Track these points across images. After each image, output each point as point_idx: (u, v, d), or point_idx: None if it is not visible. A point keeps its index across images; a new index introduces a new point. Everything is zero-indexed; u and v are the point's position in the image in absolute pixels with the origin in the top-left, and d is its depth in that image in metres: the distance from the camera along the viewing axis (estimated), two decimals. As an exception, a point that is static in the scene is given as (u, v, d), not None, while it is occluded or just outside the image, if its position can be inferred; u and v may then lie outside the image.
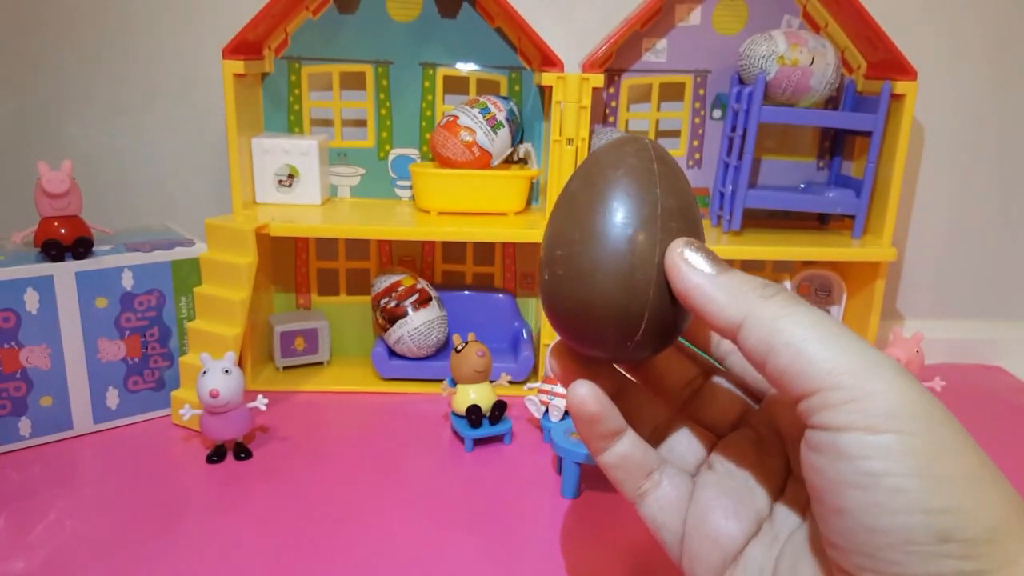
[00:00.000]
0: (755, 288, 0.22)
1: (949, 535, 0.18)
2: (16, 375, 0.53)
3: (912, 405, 0.19)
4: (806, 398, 0.20)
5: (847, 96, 0.68)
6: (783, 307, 0.21)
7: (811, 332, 0.20)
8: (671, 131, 0.71)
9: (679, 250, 0.23)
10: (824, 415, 0.20)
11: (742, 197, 0.65)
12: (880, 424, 0.19)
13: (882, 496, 0.19)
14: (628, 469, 0.27)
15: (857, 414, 0.19)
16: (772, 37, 0.63)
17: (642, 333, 0.24)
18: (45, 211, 0.54)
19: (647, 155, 0.25)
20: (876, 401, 0.19)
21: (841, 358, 0.20)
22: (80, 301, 0.55)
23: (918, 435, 0.19)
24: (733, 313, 0.22)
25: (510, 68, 0.69)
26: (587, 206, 0.24)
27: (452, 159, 0.65)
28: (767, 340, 0.21)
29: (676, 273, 0.23)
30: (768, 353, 0.21)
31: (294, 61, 0.67)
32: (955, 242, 0.78)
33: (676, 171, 0.26)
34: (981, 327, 0.79)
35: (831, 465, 0.20)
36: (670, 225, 0.24)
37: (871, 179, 0.65)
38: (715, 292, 0.22)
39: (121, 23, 0.69)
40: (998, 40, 0.72)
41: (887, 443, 0.19)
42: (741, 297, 0.22)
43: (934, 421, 0.19)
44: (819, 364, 0.20)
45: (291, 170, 0.66)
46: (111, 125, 0.72)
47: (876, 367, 0.20)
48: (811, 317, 0.21)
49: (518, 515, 0.47)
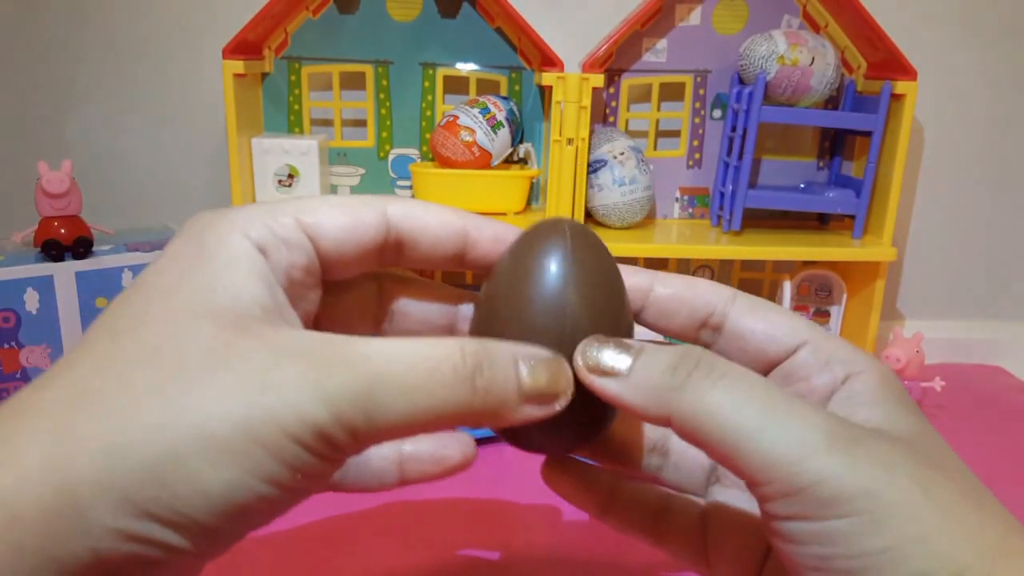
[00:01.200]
0: (667, 378, 0.21)
1: None
2: (16, 375, 0.53)
3: (852, 483, 0.19)
4: (751, 487, 0.20)
5: (847, 96, 0.68)
6: (700, 395, 0.20)
7: (735, 420, 0.20)
8: (671, 131, 0.71)
9: (580, 364, 0.22)
10: (767, 506, 0.20)
11: (742, 197, 0.65)
12: (818, 512, 0.19)
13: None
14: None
15: (796, 506, 0.19)
16: (772, 37, 0.63)
17: (569, 426, 0.24)
18: (45, 211, 0.54)
19: (562, 251, 0.24)
20: (809, 492, 0.19)
21: (770, 447, 0.19)
22: (80, 301, 0.55)
23: (860, 514, 0.19)
24: (657, 413, 0.21)
25: (510, 68, 0.69)
26: (503, 316, 0.23)
27: (452, 159, 0.65)
28: (694, 436, 0.20)
29: (591, 386, 0.22)
30: (703, 447, 0.21)
31: (294, 61, 0.67)
32: (955, 242, 0.78)
33: (591, 253, 0.24)
34: (982, 327, 0.79)
35: (786, 547, 0.20)
36: (581, 325, 0.23)
37: (871, 179, 0.65)
38: (632, 396, 0.21)
39: (121, 23, 0.69)
40: (999, 40, 0.72)
41: (829, 529, 0.19)
42: (658, 395, 0.21)
43: (886, 479, 0.19)
44: (750, 459, 0.19)
45: (291, 170, 0.66)
46: (111, 125, 0.72)
47: (805, 448, 0.19)
48: (732, 399, 0.20)
49: (518, 516, 0.47)
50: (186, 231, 0.21)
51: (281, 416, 0.17)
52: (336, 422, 0.18)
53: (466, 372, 0.19)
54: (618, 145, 0.66)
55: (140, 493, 0.17)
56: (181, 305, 0.19)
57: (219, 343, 0.18)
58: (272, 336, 0.19)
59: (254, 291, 0.20)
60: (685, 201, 0.72)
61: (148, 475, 0.17)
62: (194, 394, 0.17)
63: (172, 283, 0.20)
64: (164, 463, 0.17)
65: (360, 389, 0.18)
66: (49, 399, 0.18)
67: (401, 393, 0.18)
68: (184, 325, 0.19)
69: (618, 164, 0.65)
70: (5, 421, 0.18)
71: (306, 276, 0.22)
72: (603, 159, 0.66)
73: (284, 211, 0.22)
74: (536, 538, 0.45)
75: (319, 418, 0.18)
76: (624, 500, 0.28)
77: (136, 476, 0.17)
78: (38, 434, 0.17)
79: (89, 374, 0.18)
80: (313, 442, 0.18)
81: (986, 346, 0.78)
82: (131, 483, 0.17)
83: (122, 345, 0.18)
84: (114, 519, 0.17)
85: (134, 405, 0.17)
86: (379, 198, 0.24)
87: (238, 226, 0.21)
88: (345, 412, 0.18)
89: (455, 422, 0.20)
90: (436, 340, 0.20)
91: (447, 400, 0.19)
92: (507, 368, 0.21)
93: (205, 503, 0.17)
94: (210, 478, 0.17)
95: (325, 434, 0.18)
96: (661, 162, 0.71)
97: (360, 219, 0.23)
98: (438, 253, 0.25)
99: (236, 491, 0.17)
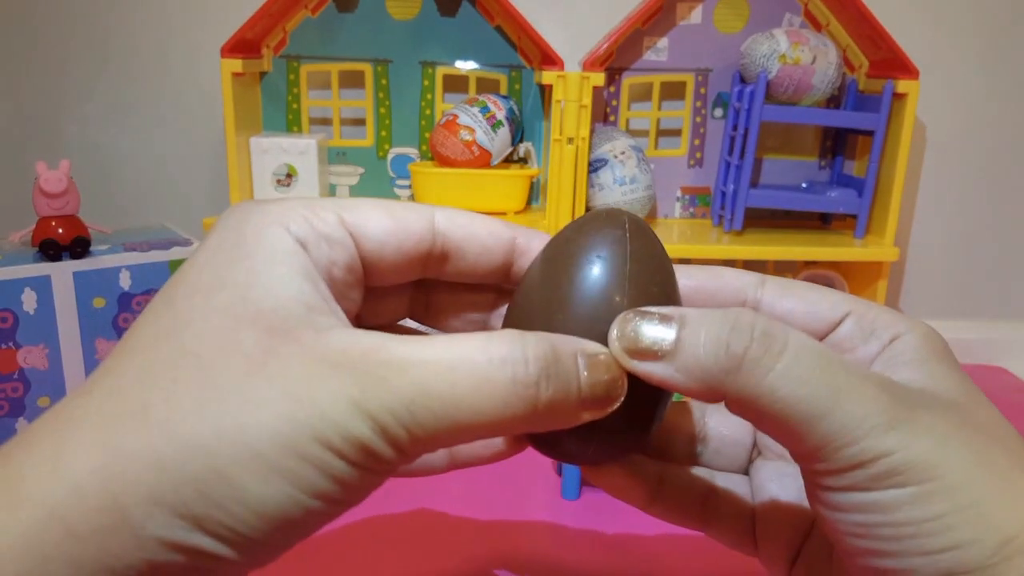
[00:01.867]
0: (720, 357, 0.19)
1: (951, 570, 0.18)
2: (14, 375, 0.53)
3: (908, 457, 0.19)
4: (803, 461, 0.20)
5: (849, 95, 0.68)
6: (760, 377, 0.19)
7: (797, 402, 0.19)
8: (672, 130, 0.71)
9: (618, 346, 0.20)
10: (820, 479, 0.20)
11: (744, 196, 0.65)
12: (871, 484, 0.19)
13: (880, 544, 0.19)
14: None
15: (849, 479, 0.19)
16: (773, 36, 0.62)
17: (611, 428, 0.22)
18: (42, 210, 0.54)
19: (621, 246, 0.22)
20: (866, 468, 0.19)
21: (831, 428, 0.19)
22: (78, 301, 0.54)
23: (914, 484, 0.19)
24: (710, 396, 0.20)
25: (510, 67, 0.68)
26: (545, 309, 0.21)
27: (452, 158, 0.64)
28: (751, 415, 0.20)
29: (634, 371, 0.20)
30: (759, 424, 0.20)
31: (293, 60, 0.67)
32: (958, 242, 0.77)
33: (649, 247, 0.22)
34: (984, 327, 0.78)
35: (830, 515, 0.20)
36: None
37: (873, 178, 0.65)
38: (683, 380, 0.20)
39: (118, 22, 0.69)
40: (1001, 39, 0.72)
41: (880, 498, 0.19)
42: (712, 377, 0.19)
43: (939, 451, 0.19)
44: (810, 439, 0.19)
45: (289, 169, 0.66)
46: (109, 124, 0.72)
47: (865, 427, 0.19)
48: (793, 381, 0.19)
49: (518, 517, 0.47)
50: (223, 224, 0.20)
51: (324, 432, 0.17)
52: (379, 437, 0.18)
53: (528, 379, 0.18)
54: (619, 144, 0.66)
55: (190, 508, 0.17)
56: (222, 306, 0.19)
57: (260, 349, 0.18)
58: (313, 342, 0.18)
59: (296, 288, 0.19)
60: (686, 201, 0.72)
61: (197, 491, 0.17)
62: (237, 408, 0.17)
63: (212, 281, 0.19)
64: (212, 479, 0.17)
65: (401, 404, 0.17)
66: (95, 409, 0.18)
67: (443, 408, 0.18)
68: (225, 330, 0.18)
69: (619, 163, 0.65)
70: (52, 431, 0.18)
71: (347, 275, 0.21)
72: (604, 158, 0.65)
73: (325, 207, 0.21)
74: (537, 539, 0.45)
75: (362, 434, 0.17)
76: (671, 490, 0.27)
77: (186, 491, 0.17)
78: (88, 447, 0.17)
79: (133, 383, 0.18)
80: (357, 457, 0.18)
81: (988, 346, 0.77)
82: (181, 498, 0.17)
83: (164, 352, 0.18)
84: (166, 532, 0.17)
85: (180, 419, 0.17)
86: (425, 206, 0.23)
87: (278, 219, 0.20)
88: (389, 427, 0.17)
89: (512, 430, 0.19)
90: (487, 339, 0.19)
91: (498, 413, 0.18)
92: (570, 369, 0.19)
93: (254, 517, 0.17)
94: (258, 493, 0.17)
95: (369, 449, 0.18)
96: (662, 161, 0.71)
97: (405, 223, 0.22)
98: (484, 264, 0.24)
99: (284, 505, 0.17)
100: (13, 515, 0.16)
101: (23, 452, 0.17)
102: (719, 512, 0.27)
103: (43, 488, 0.17)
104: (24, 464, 0.17)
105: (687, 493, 0.27)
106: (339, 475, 0.18)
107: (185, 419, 0.17)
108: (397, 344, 0.18)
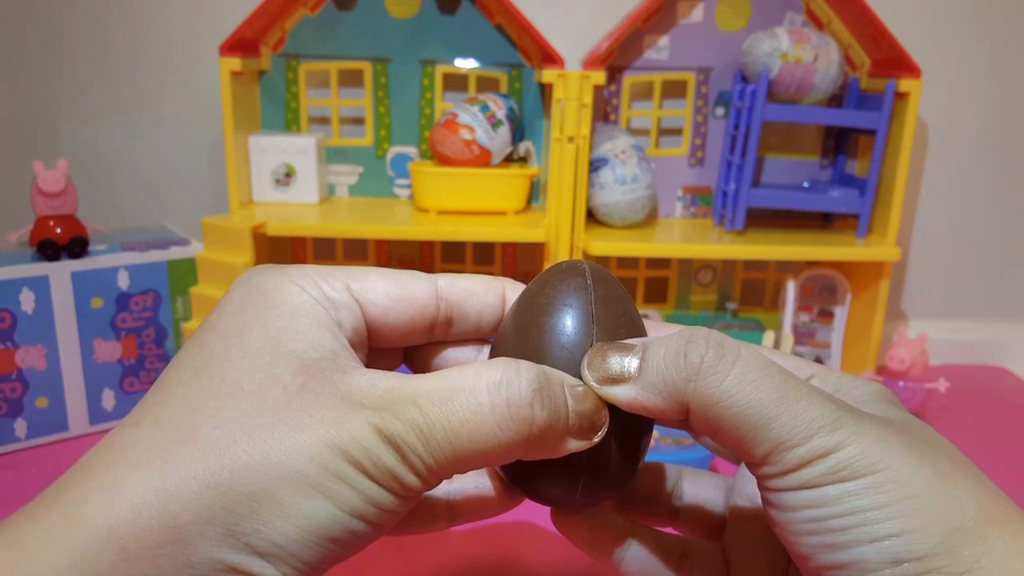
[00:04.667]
0: (680, 368, 0.21)
1: (899, 557, 0.19)
2: (12, 376, 0.53)
3: (852, 453, 0.20)
4: (755, 466, 0.21)
5: (851, 94, 0.67)
6: (718, 382, 0.20)
7: (752, 407, 0.20)
8: (673, 129, 0.71)
9: (589, 376, 0.22)
10: (770, 481, 0.21)
11: (745, 196, 0.65)
12: (817, 480, 0.20)
13: (830, 537, 0.20)
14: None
15: (798, 479, 0.20)
16: (775, 34, 0.62)
17: (590, 477, 0.23)
18: (41, 210, 0.53)
19: (585, 294, 0.24)
20: (814, 466, 0.20)
21: (782, 430, 0.20)
22: (76, 301, 0.54)
23: (860, 473, 0.20)
24: (673, 409, 0.21)
25: (510, 65, 0.68)
26: (527, 347, 0.23)
27: (451, 157, 0.64)
28: (711, 424, 0.21)
29: (606, 397, 0.22)
30: (717, 434, 0.21)
31: (291, 58, 0.67)
32: (960, 242, 0.77)
33: (611, 291, 0.24)
34: (986, 328, 0.78)
35: (782, 517, 0.21)
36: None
37: (875, 178, 0.65)
38: (648, 396, 0.21)
39: (117, 21, 0.69)
40: (1003, 38, 0.72)
41: (826, 492, 0.20)
42: (674, 388, 0.21)
43: (881, 447, 0.20)
44: (762, 442, 0.20)
45: (288, 169, 0.66)
46: (107, 123, 0.71)
47: (812, 428, 0.20)
48: (747, 385, 0.20)
49: (518, 517, 0.47)
50: (243, 284, 0.23)
51: (356, 455, 0.19)
52: (400, 463, 0.20)
53: (522, 401, 0.20)
54: (619, 143, 0.65)
55: (240, 527, 0.18)
56: (256, 346, 0.20)
57: (296, 383, 0.20)
58: (340, 381, 0.20)
59: (319, 337, 0.21)
60: (687, 200, 0.72)
61: (247, 510, 0.18)
62: (281, 433, 0.19)
63: (243, 325, 0.21)
64: (261, 499, 0.18)
65: (413, 432, 0.20)
66: (146, 435, 0.19)
67: (445, 433, 0.20)
68: (263, 365, 0.20)
69: (619, 162, 0.64)
70: (107, 459, 0.19)
71: (353, 335, 0.23)
72: (604, 157, 0.65)
73: (334, 275, 0.23)
74: (537, 540, 0.44)
75: (387, 459, 0.19)
76: (643, 546, 0.27)
77: (236, 512, 0.18)
78: (142, 469, 0.18)
79: (180, 412, 0.20)
80: (385, 479, 0.20)
81: (991, 347, 0.77)
82: (231, 518, 0.18)
83: (205, 384, 0.20)
84: (217, 552, 0.18)
85: (229, 443, 0.19)
86: (430, 275, 0.25)
87: (295, 280, 0.22)
88: (407, 453, 0.20)
89: (508, 455, 0.21)
90: (480, 366, 0.21)
91: (494, 435, 0.20)
92: (559, 394, 0.21)
93: (298, 533, 0.19)
94: (301, 510, 0.19)
95: (393, 473, 0.20)
96: (663, 160, 0.70)
97: (409, 290, 0.24)
98: (486, 319, 0.26)
99: (324, 522, 0.19)
100: (72, 536, 0.18)
101: (79, 478, 0.19)
102: (694, 571, 0.27)
103: (101, 509, 0.18)
104: (82, 489, 0.18)
105: (663, 552, 0.27)
106: (371, 496, 0.20)
107: (236, 442, 0.19)
108: (409, 380, 0.21)
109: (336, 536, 0.19)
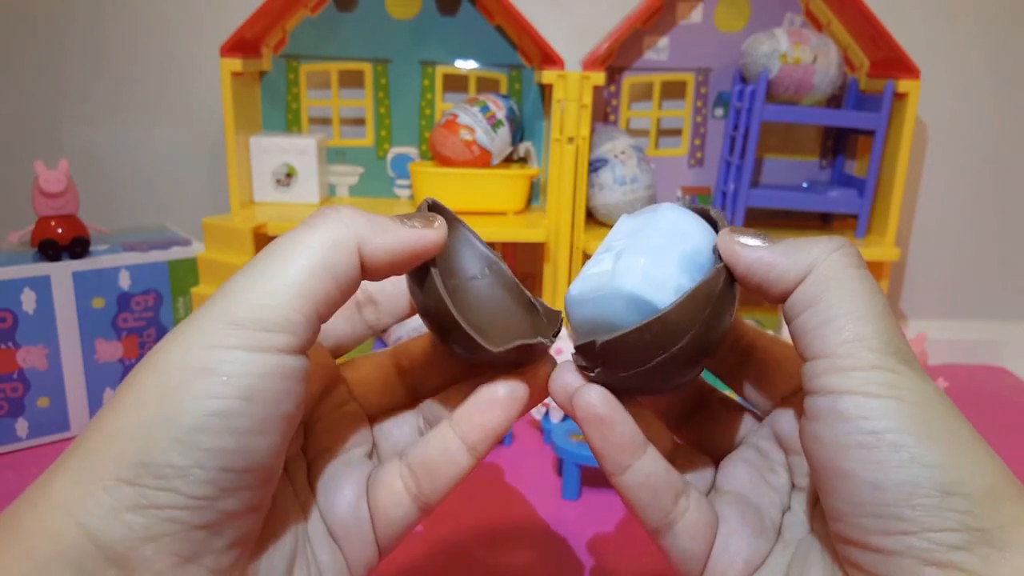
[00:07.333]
0: (818, 242, 0.23)
1: (951, 488, 0.19)
2: (13, 376, 0.53)
3: (912, 382, 0.20)
4: (815, 360, 0.21)
5: (850, 95, 0.68)
6: (843, 268, 0.22)
7: (853, 306, 0.21)
8: (672, 130, 0.71)
9: (732, 237, 0.24)
10: (826, 379, 0.21)
11: (744, 196, 0.65)
12: (877, 390, 0.20)
13: (883, 453, 0.19)
14: (655, 491, 0.25)
15: (858, 380, 0.20)
16: (774, 35, 0.62)
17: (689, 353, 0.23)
18: (42, 210, 0.53)
19: None
20: (878, 374, 0.20)
21: (866, 336, 0.21)
22: (77, 301, 0.54)
23: (914, 403, 0.20)
24: (800, 269, 0.22)
25: (510, 66, 0.68)
26: None
27: (452, 158, 0.64)
28: (816, 296, 0.22)
29: (734, 254, 0.24)
30: (809, 307, 0.22)
31: (292, 59, 0.67)
32: (959, 242, 0.77)
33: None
34: (985, 328, 0.78)
35: (832, 429, 0.20)
36: None
37: (874, 178, 0.65)
38: (776, 257, 0.23)
39: (118, 21, 0.69)
40: (1002, 38, 0.72)
41: (883, 405, 0.20)
42: (804, 254, 0.22)
43: (931, 397, 0.20)
44: (844, 334, 0.21)
45: (289, 169, 0.66)
46: (108, 124, 0.71)
47: (894, 353, 0.21)
48: (862, 288, 0.21)
49: (518, 518, 0.47)
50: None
51: None
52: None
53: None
54: (619, 144, 0.65)
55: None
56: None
57: None
58: None
59: None
60: (687, 200, 0.72)
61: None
62: None
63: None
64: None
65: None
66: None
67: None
68: None
69: (619, 163, 0.65)
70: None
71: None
72: (604, 158, 0.65)
73: None
74: (537, 540, 0.45)
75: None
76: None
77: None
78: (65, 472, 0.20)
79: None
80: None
81: (989, 347, 0.77)
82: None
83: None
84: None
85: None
86: None
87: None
88: None
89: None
90: None
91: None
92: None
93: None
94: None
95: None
96: (662, 161, 0.71)
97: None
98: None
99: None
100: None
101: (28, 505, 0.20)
102: (684, 519, 0.26)
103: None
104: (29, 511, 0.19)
105: (665, 485, 0.25)
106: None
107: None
108: None
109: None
